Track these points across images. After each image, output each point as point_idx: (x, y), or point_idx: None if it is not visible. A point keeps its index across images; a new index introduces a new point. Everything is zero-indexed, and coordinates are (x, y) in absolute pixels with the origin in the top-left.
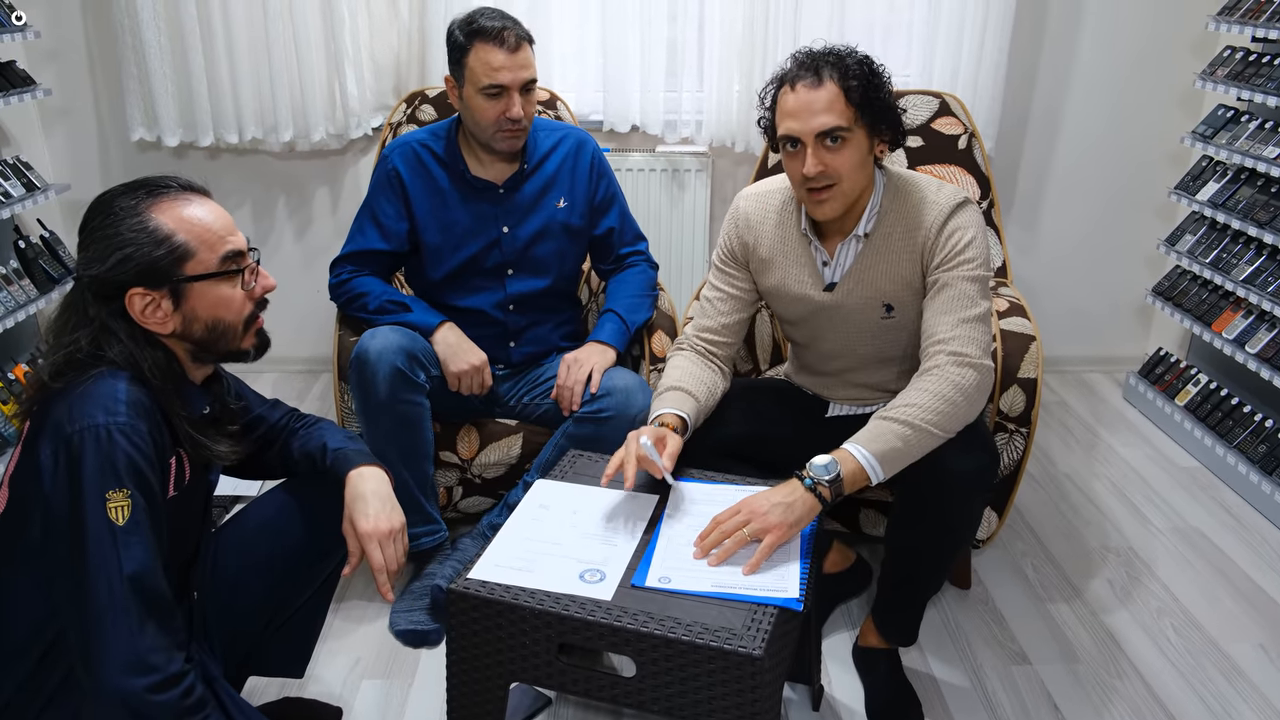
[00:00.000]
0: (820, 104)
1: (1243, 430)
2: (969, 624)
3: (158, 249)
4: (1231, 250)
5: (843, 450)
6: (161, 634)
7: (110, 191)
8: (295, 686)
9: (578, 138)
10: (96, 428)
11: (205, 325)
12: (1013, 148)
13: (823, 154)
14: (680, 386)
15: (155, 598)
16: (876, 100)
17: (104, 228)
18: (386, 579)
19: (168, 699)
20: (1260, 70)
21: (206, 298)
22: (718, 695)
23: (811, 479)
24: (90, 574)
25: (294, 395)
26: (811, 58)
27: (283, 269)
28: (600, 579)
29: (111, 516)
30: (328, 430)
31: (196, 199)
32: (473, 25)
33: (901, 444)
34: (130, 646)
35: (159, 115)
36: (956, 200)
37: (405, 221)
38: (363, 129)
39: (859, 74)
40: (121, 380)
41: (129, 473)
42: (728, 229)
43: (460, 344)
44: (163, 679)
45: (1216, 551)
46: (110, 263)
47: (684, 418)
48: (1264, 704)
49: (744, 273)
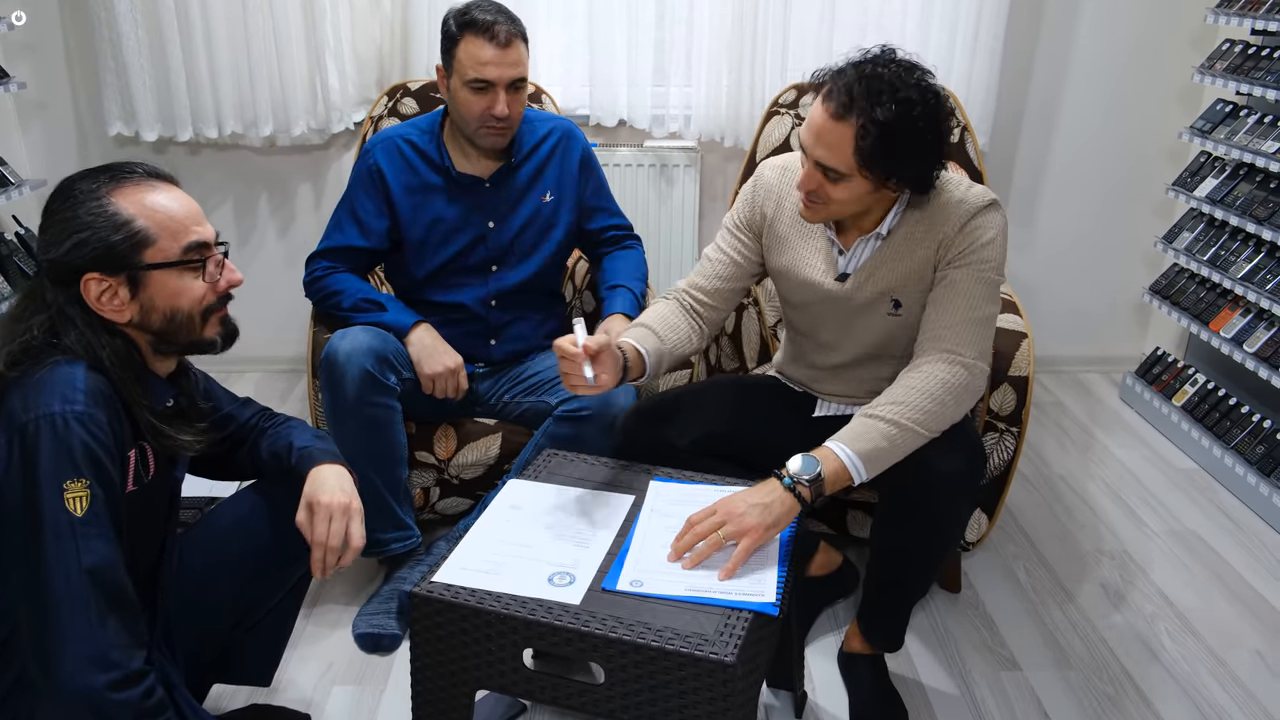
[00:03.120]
0: (828, 137)
1: (1240, 431)
2: (958, 629)
3: (115, 234)
4: (1230, 247)
5: (825, 449)
6: (123, 630)
7: (73, 175)
8: (264, 694)
9: (566, 130)
10: (53, 416)
11: (163, 315)
12: (1008, 143)
13: (819, 175)
14: (647, 325)
15: (116, 592)
16: (891, 160)
17: (63, 210)
18: (323, 555)
19: (128, 697)
20: (1259, 64)
21: (166, 287)
22: (689, 704)
23: (791, 478)
24: (48, 567)
25: (276, 396)
26: (855, 82)
27: (265, 267)
28: (570, 582)
29: (70, 507)
30: (296, 429)
31: (162, 186)
32: (465, 16)
33: (886, 443)
34: (90, 641)
35: (137, 109)
36: (985, 200)
37: (386, 218)
38: (345, 123)
39: (884, 129)
40: (79, 368)
41: (87, 462)
42: (748, 195)
43: (435, 345)
44: (123, 676)
45: (1213, 555)
46: (66, 246)
47: (641, 353)
48: (1260, 712)
49: (755, 243)
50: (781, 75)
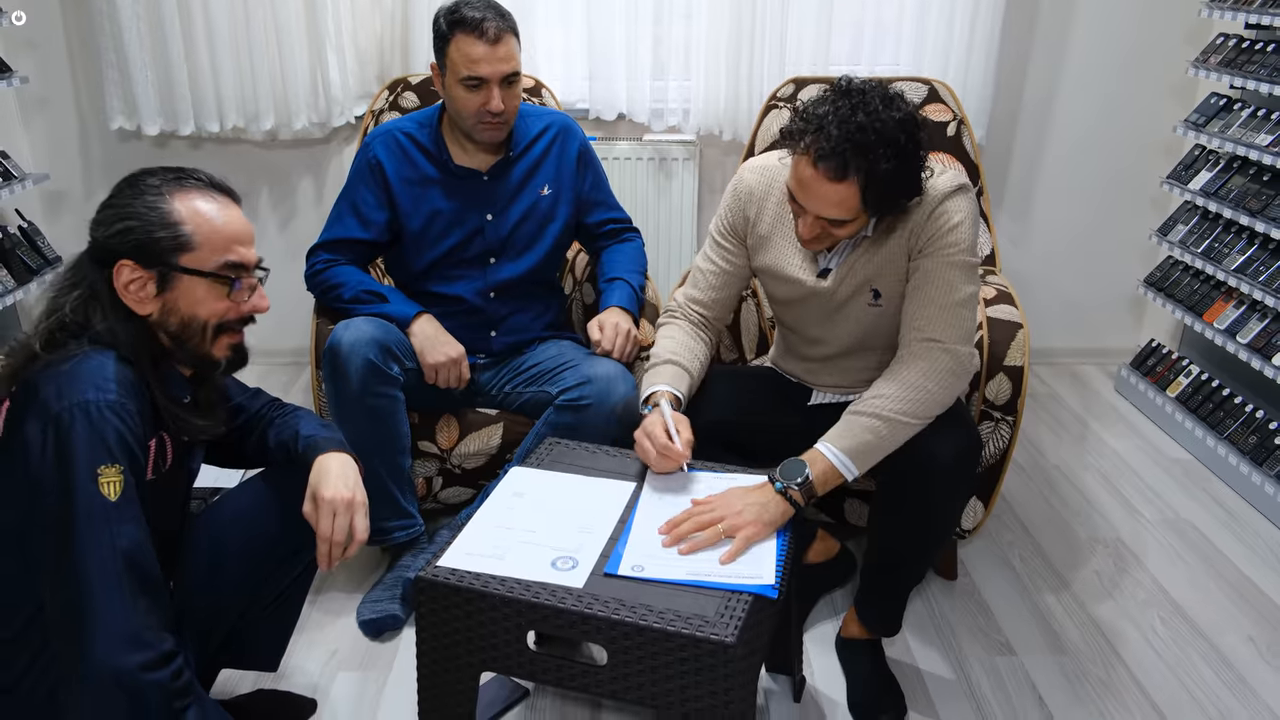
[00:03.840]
0: (833, 198)
1: (1233, 421)
2: (954, 615)
3: (160, 230)
4: (1223, 240)
5: (814, 450)
6: (154, 612)
7: (147, 169)
8: (271, 679)
9: (564, 124)
10: (87, 404)
11: (181, 319)
12: (1004, 137)
13: (823, 222)
14: (676, 361)
15: (148, 575)
16: (894, 198)
17: (123, 197)
18: (328, 549)
19: (159, 678)
20: (1253, 58)
21: (192, 294)
22: (690, 684)
23: (782, 483)
24: (81, 550)
25: (279, 388)
26: (844, 143)
27: (267, 260)
28: (573, 566)
29: (104, 492)
30: (303, 419)
31: (222, 199)
32: (455, 14)
33: (873, 437)
34: (125, 622)
35: (139, 104)
36: (951, 186)
37: (386, 211)
38: (346, 117)
39: (886, 176)
40: (109, 358)
41: (120, 449)
42: (729, 202)
43: (438, 336)
44: (156, 656)
45: (1206, 543)
46: (114, 229)
47: (679, 397)
48: (1251, 696)
49: (741, 248)
50: (780, 69)
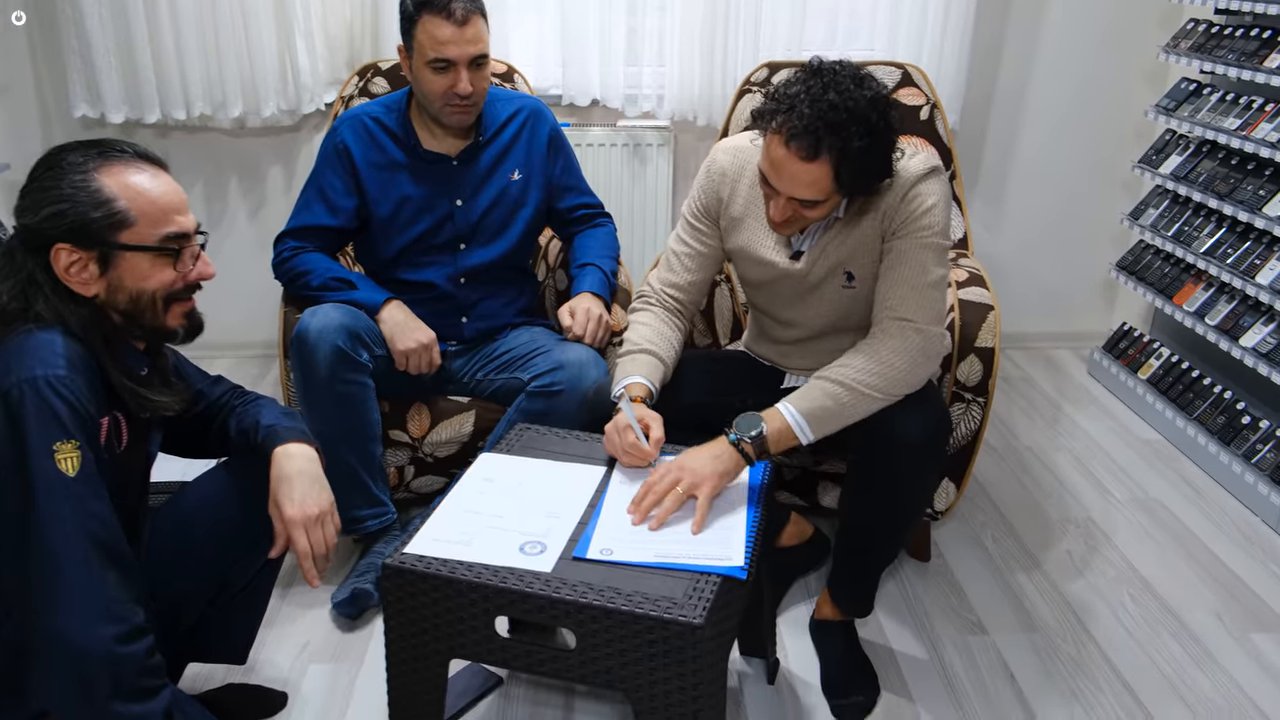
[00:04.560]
0: (805, 178)
1: (1202, 402)
2: (927, 595)
3: (94, 210)
4: (1193, 223)
5: (773, 409)
6: (123, 585)
7: (64, 145)
8: (240, 673)
9: (534, 108)
10: (35, 379)
11: (129, 296)
12: (978, 122)
13: (795, 204)
14: (651, 350)
15: (114, 549)
16: (867, 177)
17: (46, 179)
18: (312, 565)
19: (133, 651)
20: (1222, 42)
21: (136, 270)
22: (659, 666)
23: (735, 435)
24: (44, 527)
25: (249, 380)
26: (816, 122)
27: (236, 251)
28: (541, 551)
29: (62, 468)
30: (264, 407)
31: (150, 169)
32: None
33: (832, 403)
34: (95, 596)
35: (102, 91)
36: (924, 169)
37: (354, 197)
38: (315, 104)
39: (858, 154)
40: (56, 334)
41: (75, 424)
42: (702, 182)
43: (408, 322)
44: (129, 630)
45: (1175, 521)
46: (43, 214)
47: (653, 390)
48: (1218, 670)
49: (714, 229)
50: (754, 54)
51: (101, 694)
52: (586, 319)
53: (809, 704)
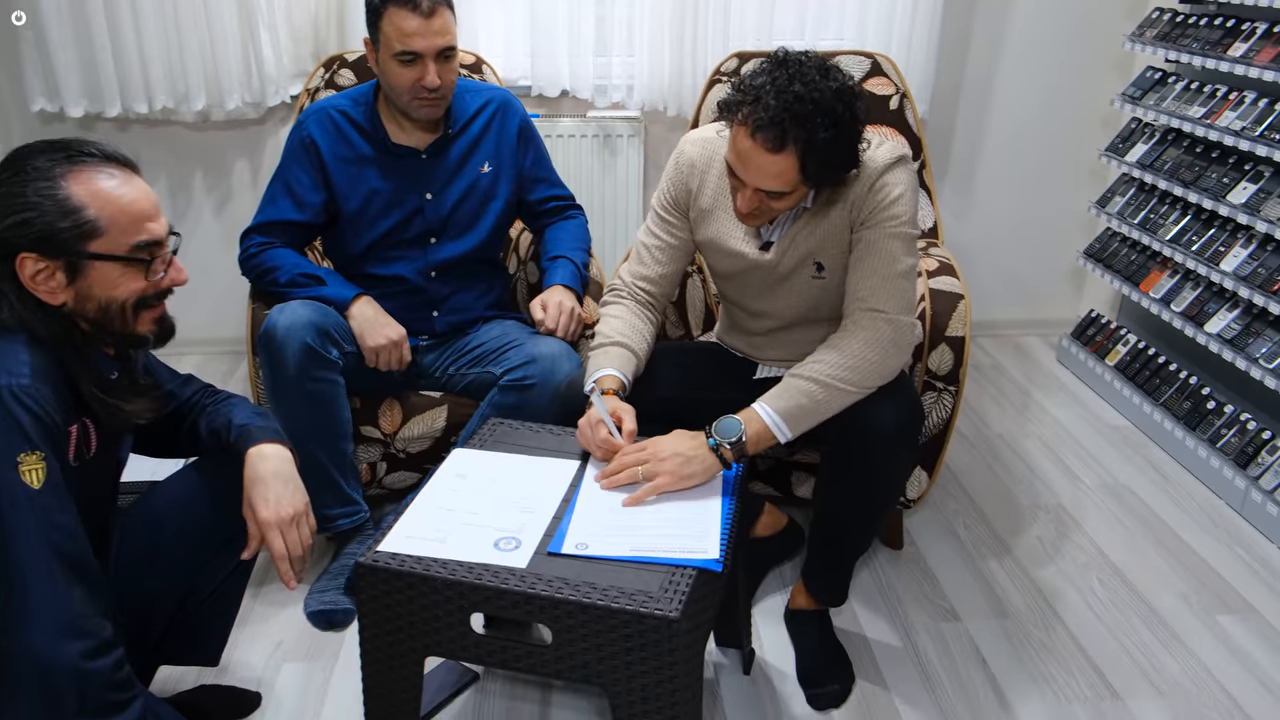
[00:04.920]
0: (771, 169)
1: (1169, 388)
2: (900, 583)
3: (62, 220)
4: (1159, 211)
5: (750, 410)
6: (90, 599)
7: (29, 147)
8: (213, 674)
9: (503, 100)
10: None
11: (98, 304)
12: (947, 111)
13: (762, 195)
14: (624, 343)
15: (81, 562)
16: (833, 168)
17: (11, 185)
18: (288, 567)
19: (100, 666)
20: (1187, 31)
21: (106, 278)
22: (635, 660)
23: (715, 439)
24: (10, 540)
25: (217, 378)
26: (782, 113)
27: (202, 247)
28: (515, 547)
29: (27, 480)
30: (236, 406)
31: (120, 173)
32: None
33: (808, 400)
34: (60, 611)
35: (60, 84)
36: (891, 158)
37: (322, 192)
38: (281, 96)
39: (824, 145)
40: (20, 343)
41: (39, 435)
42: (671, 174)
43: (377, 318)
44: (96, 645)
45: (1143, 506)
46: (6, 223)
47: (624, 381)
48: (1185, 652)
49: (684, 222)
50: (724, 44)
51: (69, 710)
52: (558, 312)
53: (785, 693)
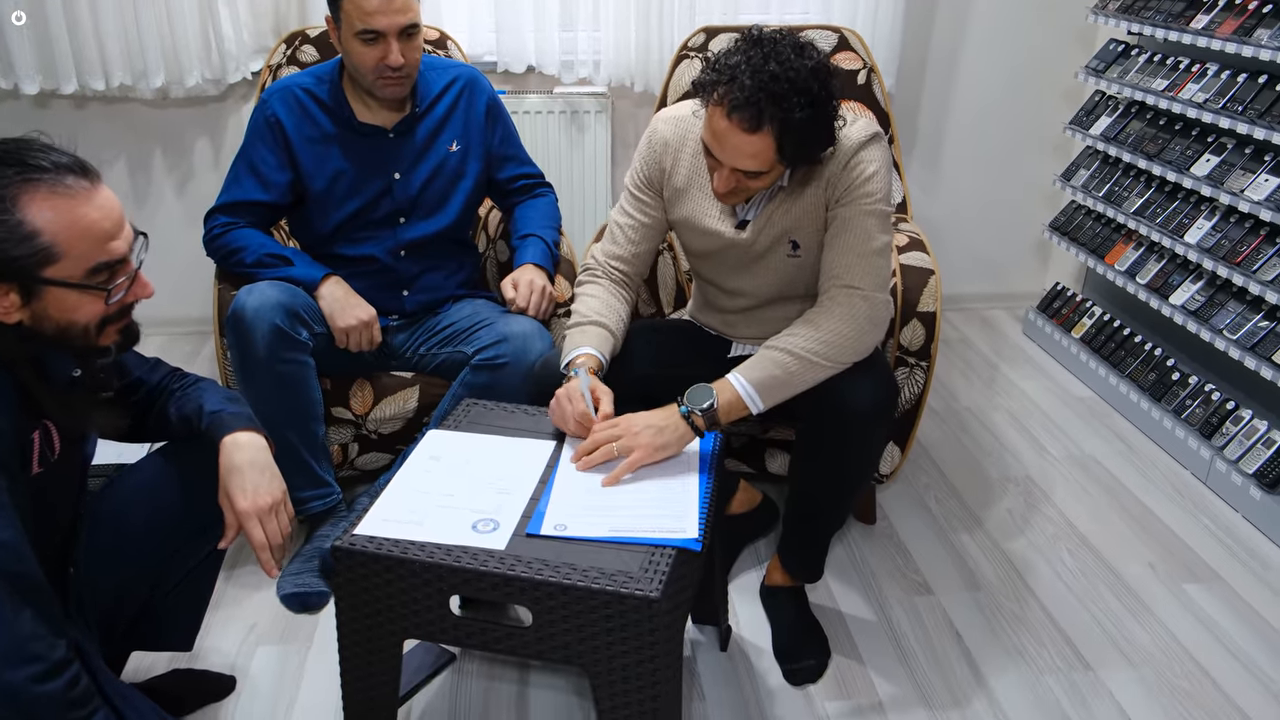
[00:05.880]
0: (747, 149)
1: (1134, 360)
2: (874, 558)
3: (15, 248)
4: (1123, 184)
5: (723, 380)
6: (39, 620)
7: None
8: (187, 658)
9: (471, 77)
10: None
11: (56, 326)
12: (913, 85)
13: (739, 175)
14: (601, 322)
15: (28, 582)
16: (810, 147)
17: None
18: (269, 556)
19: (52, 689)
20: (1149, 3)
21: (63, 302)
22: (616, 640)
23: (687, 407)
24: None
25: (181, 359)
26: (758, 93)
27: (164, 227)
28: (494, 528)
29: None
30: (206, 391)
31: (80, 188)
32: None
33: (781, 372)
34: (8, 636)
35: (13, 59)
36: (865, 135)
37: (288, 171)
38: (242, 73)
39: (800, 125)
40: None
41: None
42: (644, 153)
43: (347, 298)
44: (47, 668)
45: (1109, 476)
46: None
47: (602, 361)
48: (1152, 619)
49: (657, 200)
50: (690, 18)
51: None
52: (529, 290)
53: (761, 669)
